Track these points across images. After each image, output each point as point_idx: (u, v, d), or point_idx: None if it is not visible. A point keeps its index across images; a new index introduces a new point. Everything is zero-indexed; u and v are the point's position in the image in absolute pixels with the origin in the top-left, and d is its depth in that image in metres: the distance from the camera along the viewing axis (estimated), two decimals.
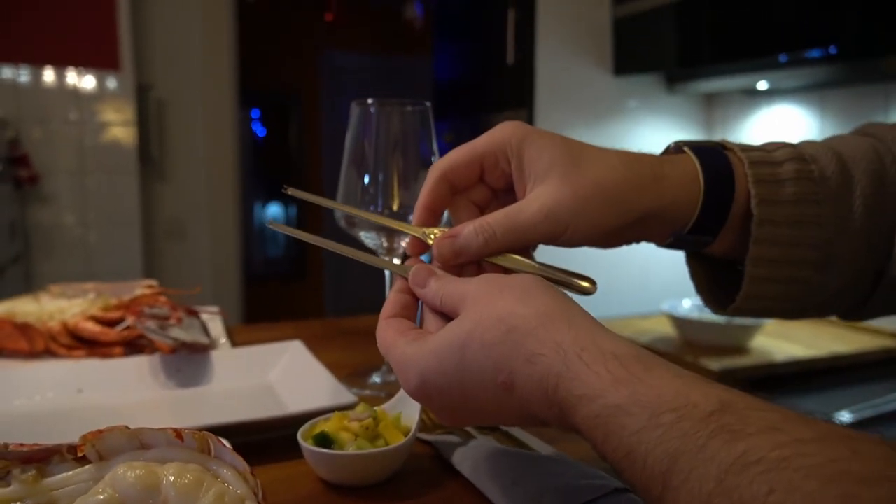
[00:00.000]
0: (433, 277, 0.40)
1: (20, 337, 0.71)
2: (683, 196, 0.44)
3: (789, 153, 0.45)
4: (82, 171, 2.44)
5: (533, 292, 0.35)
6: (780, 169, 0.44)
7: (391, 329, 0.39)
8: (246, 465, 0.32)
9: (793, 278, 0.45)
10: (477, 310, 0.35)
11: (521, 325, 0.33)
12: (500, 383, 0.34)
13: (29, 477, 0.33)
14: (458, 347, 0.35)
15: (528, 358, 0.33)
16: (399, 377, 0.38)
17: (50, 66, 2.36)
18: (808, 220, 0.44)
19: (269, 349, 0.69)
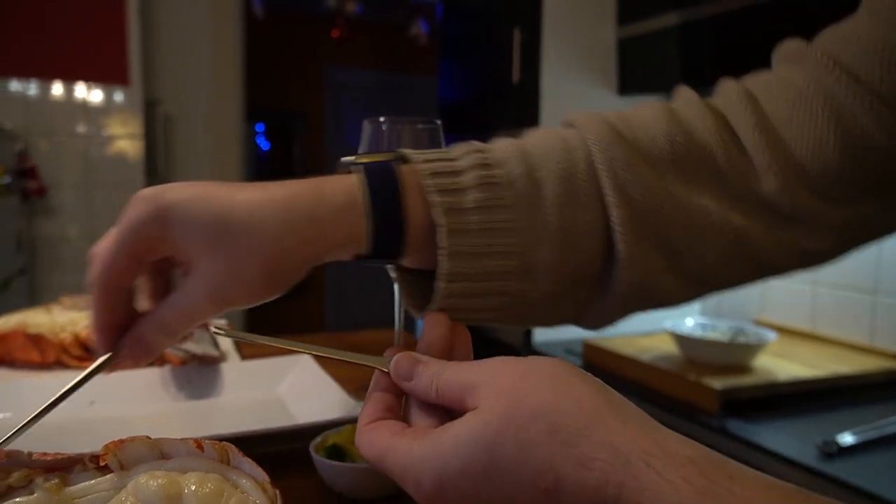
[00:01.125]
0: (420, 365, 0.35)
1: (32, 348, 0.72)
2: (346, 231, 0.40)
3: (474, 160, 0.42)
4: (88, 184, 2.46)
5: (567, 380, 0.31)
6: (463, 178, 0.41)
7: (383, 431, 0.34)
8: (265, 475, 0.33)
9: (490, 290, 0.41)
10: (501, 402, 0.30)
11: (566, 422, 0.29)
12: (540, 490, 0.29)
13: (52, 485, 0.33)
14: (487, 447, 0.30)
15: (580, 462, 0.28)
16: (405, 481, 0.32)
17: (59, 80, 2.38)
18: (499, 227, 0.41)
19: (278, 362, 0.70)
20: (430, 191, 0.39)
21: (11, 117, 2.25)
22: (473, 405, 0.31)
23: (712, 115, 0.46)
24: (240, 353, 0.77)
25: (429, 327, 0.39)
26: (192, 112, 2.74)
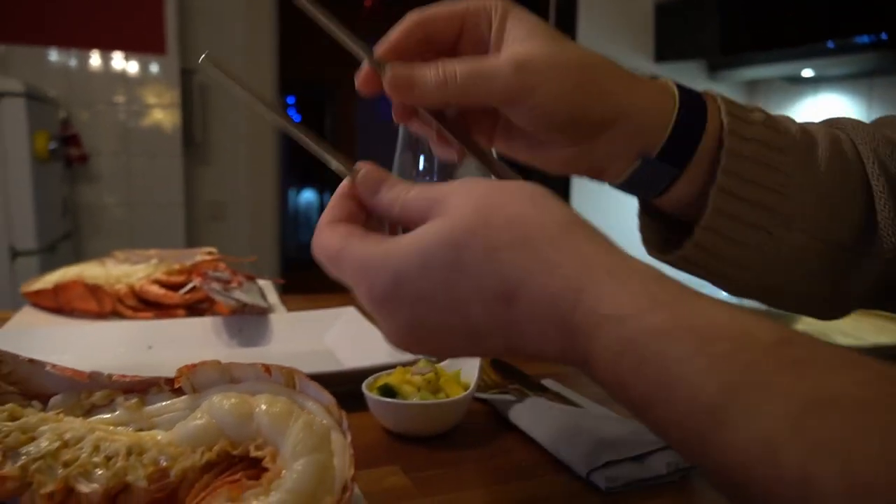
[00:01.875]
0: (386, 183, 0.34)
1: (90, 298, 0.75)
2: (657, 103, 0.41)
3: (756, 106, 0.44)
4: (128, 152, 2.51)
5: (543, 199, 0.30)
6: (751, 113, 0.43)
7: (339, 231, 0.33)
8: (331, 398, 0.35)
9: (750, 222, 0.42)
10: (471, 208, 0.30)
11: (538, 233, 0.29)
12: (500, 293, 0.28)
13: (132, 404, 0.35)
14: (454, 246, 0.29)
15: (545, 268, 0.28)
16: (357, 281, 0.31)
17: (97, 50, 2.42)
18: (773, 164, 0.42)
19: (325, 314, 0.72)
20: (723, 110, 0.41)
21: (54, 86, 2.30)
22: (441, 215, 0.30)
23: None
24: (286, 307, 0.79)
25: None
26: None
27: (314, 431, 0.33)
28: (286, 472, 0.31)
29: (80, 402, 0.36)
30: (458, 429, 0.50)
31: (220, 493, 0.31)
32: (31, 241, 1.76)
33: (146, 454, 0.32)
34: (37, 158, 1.78)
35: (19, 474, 0.31)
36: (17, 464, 0.31)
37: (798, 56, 1.60)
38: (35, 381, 0.36)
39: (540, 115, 0.39)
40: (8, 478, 0.31)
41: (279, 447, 0.33)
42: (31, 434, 0.32)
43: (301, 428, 0.33)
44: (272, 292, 0.85)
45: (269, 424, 0.33)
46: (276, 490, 0.31)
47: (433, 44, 0.40)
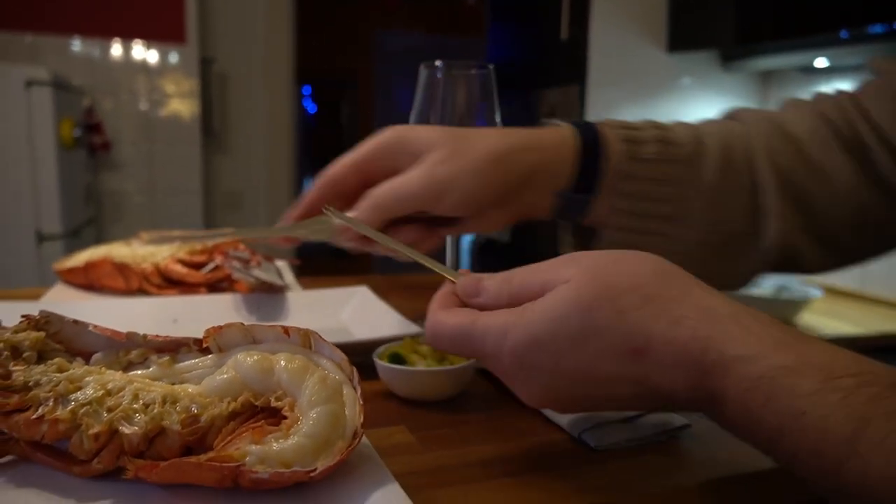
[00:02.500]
0: (484, 280, 0.37)
1: (118, 275, 0.79)
2: (562, 150, 0.50)
3: (651, 124, 0.53)
4: (149, 140, 2.57)
5: (657, 262, 0.34)
6: (643, 132, 0.51)
7: (462, 312, 0.36)
8: (343, 356, 0.38)
9: (648, 230, 0.51)
10: (592, 275, 0.32)
11: (660, 293, 0.31)
12: (630, 349, 0.31)
13: (164, 362, 0.39)
14: (585, 308, 0.31)
15: (671, 321, 0.30)
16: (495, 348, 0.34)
17: (119, 39, 2.47)
18: (664, 178, 0.51)
19: (339, 292, 0.76)
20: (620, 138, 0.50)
21: (78, 74, 2.36)
22: (561, 285, 0.33)
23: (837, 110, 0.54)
24: (301, 286, 0.83)
25: None
26: (246, 71, 2.81)
27: (328, 384, 0.37)
28: (303, 419, 0.35)
29: (119, 359, 0.40)
30: (462, 395, 0.53)
31: (245, 437, 0.35)
32: (56, 226, 1.82)
33: (179, 403, 0.36)
34: (62, 146, 1.84)
35: (70, 417, 0.35)
36: (68, 408, 0.35)
37: (812, 46, 1.61)
38: (79, 339, 0.40)
39: (462, 206, 0.48)
40: (60, 420, 0.35)
41: (297, 398, 0.36)
42: (77, 384, 0.36)
43: (316, 381, 0.36)
44: (288, 272, 0.89)
45: (288, 378, 0.37)
46: (294, 434, 0.35)
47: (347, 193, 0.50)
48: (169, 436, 0.35)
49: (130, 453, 0.35)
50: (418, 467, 0.41)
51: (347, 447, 0.35)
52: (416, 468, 0.40)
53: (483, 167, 0.47)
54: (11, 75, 1.75)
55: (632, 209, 0.51)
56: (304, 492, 0.35)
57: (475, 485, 0.39)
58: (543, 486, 0.39)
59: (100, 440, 0.35)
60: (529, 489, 0.39)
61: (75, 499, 0.34)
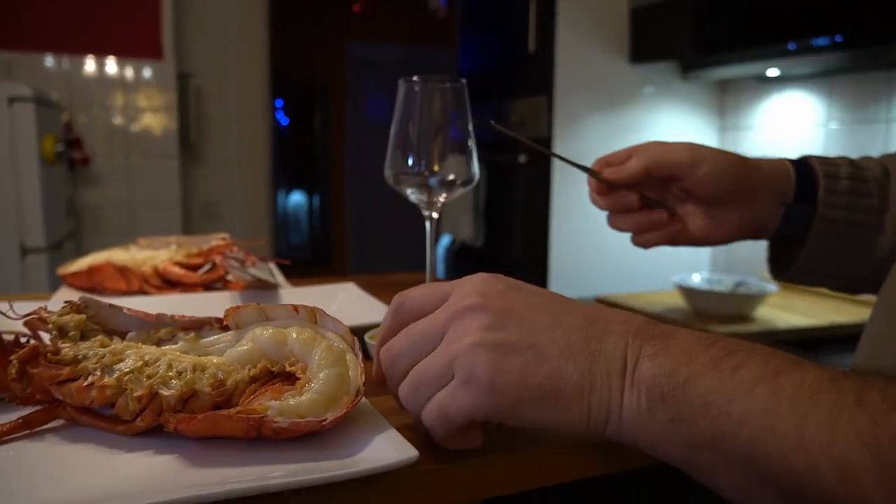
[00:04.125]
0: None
1: (120, 278, 0.85)
2: (781, 171, 0.64)
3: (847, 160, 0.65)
4: (126, 154, 2.60)
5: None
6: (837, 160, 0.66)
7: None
8: (346, 328, 0.45)
9: (849, 235, 0.63)
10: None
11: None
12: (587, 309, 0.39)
13: (190, 338, 0.46)
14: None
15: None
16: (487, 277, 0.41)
17: (98, 56, 2.51)
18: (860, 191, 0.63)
19: (328, 288, 0.83)
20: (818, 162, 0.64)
21: (57, 90, 2.39)
22: None
23: None
24: (291, 284, 0.90)
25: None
26: (221, 85, 2.86)
27: (333, 351, 0.43)
28: (314, 380, 0.42)
29: (150, 337, 0.46)
30: None
31: (265, 395, 0.42)
32: (39, 239, 1.86)
33: (207, 370, 0.43)
34: (45, 161, 1.87)
35: (115, 384, 0.41)
36: (113, 377, 0.42)
37: (763, 56, 1.71)
38: (114, 320, 0.46)
39: (709, 182, 0.62)
40: (107, 386, 0.41)
41: (308, 363, 0.43)
42: (119, 356, 0.43)
43: (324, 349, 0.43)
44: (278, 272, 0.95)
45: (300, 347, 0.43)
46: (307, 392, 0.41)
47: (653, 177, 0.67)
48: (200, 397, 0.42)
49: (168, 412, 0.41)
50: (409, 423, 0.47)
51: (352, 402, 0.42)
52: (407, 424, 0.47)
53: (730, 157, 0.62)
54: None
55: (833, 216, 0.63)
56: (317, 439, 0.41)
57: None
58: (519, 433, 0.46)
59: (142, 402, 0.41)
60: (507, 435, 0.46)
61: (124, 450, 0.41)
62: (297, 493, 0.36)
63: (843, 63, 1.67)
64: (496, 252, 2.30)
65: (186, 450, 0.41)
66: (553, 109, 2.02)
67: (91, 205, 2.55)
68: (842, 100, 1.77)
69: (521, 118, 2.21)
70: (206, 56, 2.82)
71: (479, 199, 2.37)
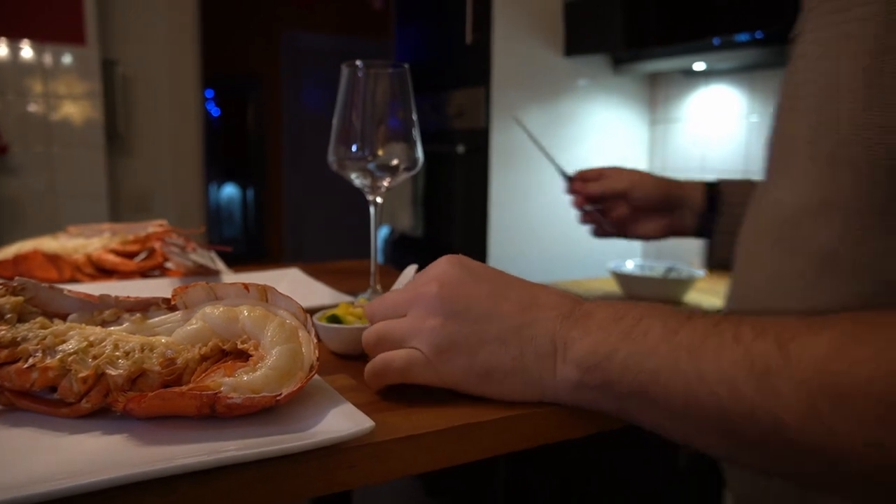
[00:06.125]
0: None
1: (51, 267, 0.82)
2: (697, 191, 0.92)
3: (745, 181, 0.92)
4: (46, 143, 2.48)
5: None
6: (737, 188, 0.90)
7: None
8: (298, 305, 0.45)
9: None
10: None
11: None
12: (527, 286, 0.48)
13: (136, 318, 0.45)
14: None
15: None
16: (448, 260, 0.49)
17: (10, 39, 2.38)
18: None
19: (272, 274, 0.82)
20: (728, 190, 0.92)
21: None
22: None
23: None
24: (231, 270, 0.88)
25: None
26: (150, 73, 2.76)
27: (285, 328, 0.43)
28: (267, 356, 0.42)
29: (93, 319, 0.45)
30: None
31: (218, 372, 0.41)
32: None
33: (156, 350, 0.42)
34: None
35: (59, 365, 0.40)
36: (56, 358, 0.40)
37: (690, 51, 1.78)
38: (54, 303, 0.45)
39: (644, 199, 0.92)
40: (50, 368, 0.40)
41: (260, 340, 0.43)
42: (62, 338, 0.42)
43: (276, 326, 0.43)
44: (218, 260, 0.93)
45: (251, 324, 0.43)
46: (261, 368, 0.41)
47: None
48: (150, 376, 0.41)
49: (116, 392, 0.40)
50: (362, 400, 0.48)
51: (306, 377, 0.42)
52: (360, 400, 0.48)
53: (660, 182, 0.92)
54: None
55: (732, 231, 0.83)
56: (272, 414, 0.41)
57: (413, 407, 0.47)
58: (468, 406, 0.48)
59: (88, 383, 0.40)
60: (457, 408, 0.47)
61: (68, 432, 0.40)
62: (252, 466, 0.36)
63: (763, 58, 1.75)
64: (435, 242, 2.32)
65: (136, 429, 0.40)
66: (490, 101, 2.04)
67: (9, 196, 2.41)
68: (762, 93, 1.86)
69: (459, 109, 2.23)
70: (133, 43, 2.71)
71: (417, 190, 2.37)
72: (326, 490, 0.38)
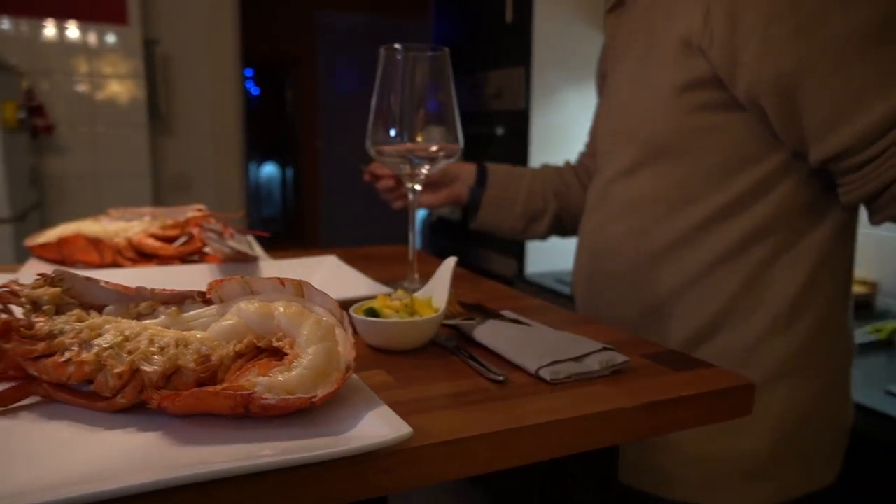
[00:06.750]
0: None
1: (92, 250, 0.82)
2: (470, 169, 1.09)
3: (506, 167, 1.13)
4: (91, 123, 2.52)
5: None
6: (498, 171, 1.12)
7: None
8: (334, 302, 0.44)
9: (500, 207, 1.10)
10: None
11: None
12: None
13: (172, 312, 0.44)
14: None
15: None
16: None
17: (58, 19, 2.41)
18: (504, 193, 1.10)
19: (309, 261, 0.81)
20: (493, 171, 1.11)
21: (16, 55, 2.30)
22: None
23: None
24: (268, 254, 0.88)
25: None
26: (190, 52, 2.77)
27: (322, 325, 0.42)
28: (302, 355, 0.41)
29: (129, 311, 0.44)
30: (430, 346, 0.59)
31: (252, 371, 0.40)
32: (3, 210, 1.79)
33: (190, 346, 0.41)
34: (7, 129, 1.80)
35: (94, 359, 0.40)
36: (92, 352, 0.40)
37: None
38: (90, 294, 0.44)
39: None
40: (86, 362, 0.39)
41: (295, 338, 0.42)
42: (98, 331, 0.41)
43: (312, 323, 0.42)
44: (256, 245, 0.93)
45: (287, 321, 0.42)
46: (296, 367, 0.40)
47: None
48: (184, 373, 0.40)
49: (151, 389, 0.40)
50: (399, 399, 0.47)
51: (342, 377, 0.41)
52: (397, 400, 0.47)
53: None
54: None
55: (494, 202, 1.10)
56: (307, 416, 0.40)
57: (449, 411, 0.46)
58: (505, 411, 0.46)
59: (123, 378, 0.40)
60: (494, 412, 0.46)
61: (104, 427, 0.39)
62: (287, 471, 0.35)
63: None
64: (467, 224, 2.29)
65: (170, 427, 0.39)
66: (530, 82, 2.00)
67: (56, 175, 2.47)
68: None
69: (498, 90, 2.19)
70: (173, 22, 2.73)
71: None
72: (361, 496, 0.37)
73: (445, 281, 0.62)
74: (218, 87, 2.85)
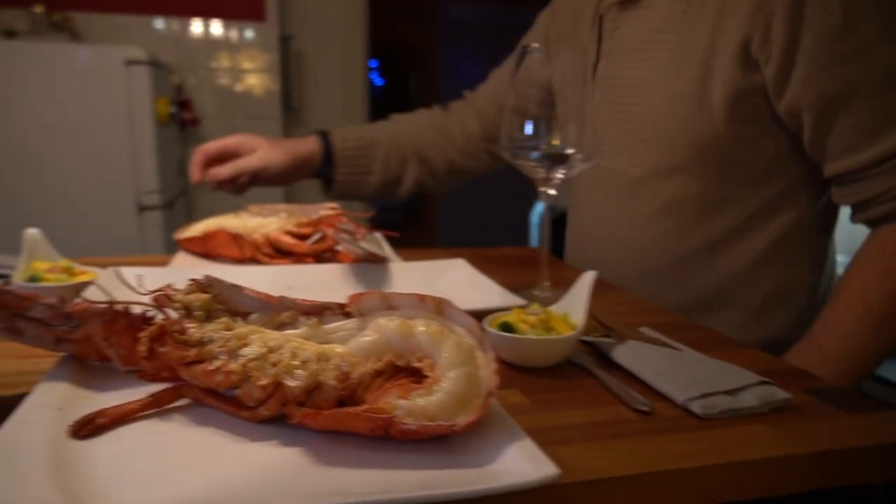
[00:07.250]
0: None
1: (233, 245, 0.86)
2: (315, 147, 1.09)
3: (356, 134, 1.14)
4: (233, 115, 2.67)
5: None
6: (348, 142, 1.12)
7: None
8: (475, 323, 0.42)
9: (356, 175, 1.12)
10: None
11: None
12: None
13: (312, 323, 0.44)
14: None
15: None
16: None
17: (205, 18, 2.57)
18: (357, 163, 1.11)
19: (438, 264, 0.80)
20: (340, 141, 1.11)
21: (166, 52, 2.47)
22: None
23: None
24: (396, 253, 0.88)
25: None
26: (321, 47, 2.87)
27: (463, 348, 0.40)
28: (443, 378, 0.39)
29: (272, 320, 0.45)
30: (566, 364, 0.56)
31: (392, 392, 0.39)
32: (155, 198, 1.94)
33: (331, 361, 0.41)
34: (159, 122, 1.94)
35: (240, 370, 0.40)
36: (238, 362, 0.40)
37: None
38: (236, 301, 0.45)
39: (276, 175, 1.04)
40: (233, 372, 0.40)
41: (435, 360, 0.40)
42: (243, 341, 0.42)
43: (453, 345, 0.40)
44: (385, 245, 0.94)
45: (427, 341, 0.41)
46: (436, 392, 0.39)
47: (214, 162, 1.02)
48: (325, 389, 0.40)
49: (293, 404, 0.40)
50: (536, 425, 0.44)
51: (483, 404, 0.39)
52: (534, 426, 0.44)
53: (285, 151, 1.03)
54: (112, 55, 1.85)
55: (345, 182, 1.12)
56: (445, 443, 0.39)
57: (588, 444, 0.43)
58: (651, 448, 0.42)
59: (266, 390, 0.40)
60: (638, 450, 0.42)
61: (248, 438, 0.40)
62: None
63: None
64: None
65: (310, 444, 0.39)
66: None
67: None
68: None
69: None
70: (306, 18, 2.83)
71: None
72: None
73: (584, 295, 0.59)
74: (345, 80, 2.93)
